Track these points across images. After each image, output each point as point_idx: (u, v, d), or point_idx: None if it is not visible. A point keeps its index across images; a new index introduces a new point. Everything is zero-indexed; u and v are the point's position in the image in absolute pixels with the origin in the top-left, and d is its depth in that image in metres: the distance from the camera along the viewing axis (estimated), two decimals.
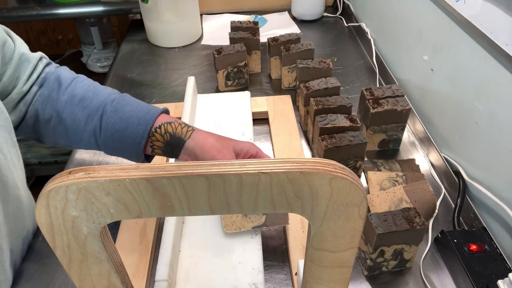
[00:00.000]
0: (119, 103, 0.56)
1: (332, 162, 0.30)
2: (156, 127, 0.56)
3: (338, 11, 1.29)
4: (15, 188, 0.55)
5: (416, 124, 0.83)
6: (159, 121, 0.56)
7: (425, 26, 0.81)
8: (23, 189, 0.58)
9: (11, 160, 0.54)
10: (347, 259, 0.36)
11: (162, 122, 0.56)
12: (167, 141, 0.56)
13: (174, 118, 0.58)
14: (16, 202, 0.56)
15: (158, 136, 0.56)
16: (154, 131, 0.55)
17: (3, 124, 0.52)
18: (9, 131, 0.53)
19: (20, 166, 0.57)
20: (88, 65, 1.64)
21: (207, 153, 0.54)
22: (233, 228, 0.59)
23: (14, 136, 0.55)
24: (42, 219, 0.31)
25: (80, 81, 0.60)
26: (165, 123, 0.56)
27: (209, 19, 1.28)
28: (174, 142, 0.56)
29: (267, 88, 0.98)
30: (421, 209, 0.62)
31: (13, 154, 0.54)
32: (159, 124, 0.56)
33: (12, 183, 0.54)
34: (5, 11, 1.25)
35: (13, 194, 0.54)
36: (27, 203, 0.60)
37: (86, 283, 0.37)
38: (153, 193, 0.30)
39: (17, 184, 0.56)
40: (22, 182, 0.58)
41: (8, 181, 0.53)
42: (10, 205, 0.54)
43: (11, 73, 0.56)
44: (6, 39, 0.56)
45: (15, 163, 0.55)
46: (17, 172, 0.56)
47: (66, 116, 0.57)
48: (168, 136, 0.56)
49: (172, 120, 0.56)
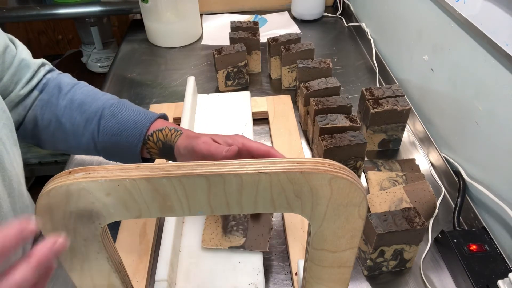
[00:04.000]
0: (117, 108, 0.57)
1: (332, 162, 0.30)
2: (149, 135, 0.56)
3: (338, 11, 1.29)
4: (19, 184, 0.55)
5: (416, 124, 0.83)
6: (153, 127, 0.56)
7: (425, 26, 0.81)
8: (25, 187, 0.59)
9: (14, 157, 0.55)
10: (347, 259, 0.36)
11: (154, 130, 0.56)
12: (161, 148, 0.57)
13: (170, 123, 0.58)
14: (22, 199, 0.56)
15: (152, 143, 0.57)
16: (147, 139, 0.56)
17: (5, 123, 0.53)
18: (11, 130, 0.54)
19: (21, 164, 0.58)
20: (88, 65, 1.64)
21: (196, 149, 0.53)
22: (209, 244, 0.58)
23: (15, 134, 0.56)
24: (42, 219, 0.31)
25: (80, 87, 0.61)
26: (157, 131, 0.56)
27: (209, 19, 1.28)
28: (166, 149, 0.56)
29: (267, 88, 0.98)
30: (421, 209, 0.62)
31: (15, 152, 0.55)
32: (151, 132, 0.56)
33: (16, 179, 0.55)
34: (5, 11, 1.25)
35: (18, 190, 0.55)
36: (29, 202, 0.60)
37: (86, 283, 0.37)
38: (153, 193, 0.30)
39: (20, 181, 0.56)
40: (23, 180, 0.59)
41: (12, 176, 0.53)
42: (16, 201, 0.55)
43: (10, 77, 0.57)
44: (8, 45, 0.57)
45: (18, 160, 0.56)
46: (19, 169, 0.56)
47: (65, 120, 0.58)
48: (161, 144, 0.56)
49: (164, 127, 0.57)
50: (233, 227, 0.60)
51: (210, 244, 0.58)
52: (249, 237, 0.59)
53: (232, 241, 0.59)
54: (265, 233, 0.59)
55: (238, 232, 0.59)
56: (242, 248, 0.58)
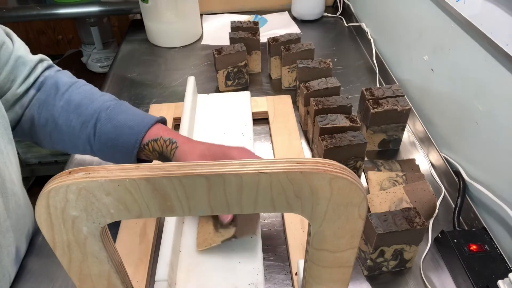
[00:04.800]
0: (114, 111, 0.57)
1: (332, 162, 0.30)
2: (144, 144, 0.56)
3: (338, 11, 1.29)
4: (11, 183, 0.55)
5: (416, 124, 0.83)
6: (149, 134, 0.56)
7: (425, 26, 0.81)
8: (19, 186, 0.59)
9: (7, 156, 0.54)
10: (347, 259, 0.36)
11: (149, 139, 0.56)
12: (158, 157, 0.57)
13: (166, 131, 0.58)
14: (14, 198, 0.56)
15: (148, 152, 0.57)
16: (143, 148, 0.56)
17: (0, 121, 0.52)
18: (6, 128, 0.54)
19: (16, 163, 0.58)
20: (88, 65, 1.64)
21: None
22: (204, 245, 0.58)
23: (10, 133, 0.55)
24: (42, 219, 0.31)
25: (78, 87, 0.60)
26: (152, 141, 0.56)
27: (209, 19, 1.28)
28: (164, 158, 0.57)
29: (267, 88, 0.98)
30: (421, 209, 0.62)
31: (9, 150, 0.55)
32: (146, 142, 0.56)
33: (9, 178, 0.54)
34: (5, 11, 1.25)
35: (11, 189, 0.55)
36: (24, 201, 0.60)
37: (86, 283, 0.37)
38: (153, 193, 0.30)
39: (13, 180, 0.56)
40: (18, 179, 0.58)
41: (5, 176, 0.53)
42: (10, 200, 0.54)
43: (6, 75, 0.56)
44: (4, 41, 0.56)
45: (11, 159, 0.56)
46: (13, 168, 0.56)
47: (62, 122, 0.58)
48: (157, 154, 0.57)
49: (158, 137, 0.56)
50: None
51: (205, 245, 0.58)
52: (239, 226, 0.58)
53: (224, 234, 0.58)
54: (254, 217, 0.59)
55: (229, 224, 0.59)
56: (234, 238, 0.57)
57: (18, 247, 0.58)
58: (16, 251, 0.57)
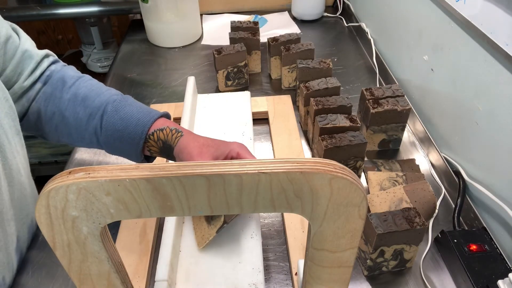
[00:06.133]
0: (120, 104, 0.57)
1: (332, 162, 0.30)
2: (150, 134, 0.56)
3: (338, 11, 1.29)
4: (18, 173, 0.56)
5: (416, 124, 0.83)
6: (155, 126, 0.57)
7: (425, 26, 0.81)
8: (26, 176, 0.59)
9: (15, 146, 0.55)
10: (347, 259, 0.36)
11: (155, 129, 0.56)
12: (161, 147, 0.57)
13: (171, 123, 0.58)
14: (20, 188, 0.57)
15: (152, 142, 0.57)
16: (148, 138, 0.56)
17: (8, 112, 0.53)
18: (13, 119, 0.55)
19: (23, 153, 0.59)
20: (88, 65, 1.64)
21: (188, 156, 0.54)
22: (203, 242, 0.58)
23: (18, 124, 0.56)
24: (42, 219, 0.31)
25: (84, 81, 0.61)
26: (158, 130, 0.56)
27: (209, 19, 1.28)
28: (166, 149, 0.57)
29: (267, 88, 0.98)
30: (421, 209, 0.62)
31: (16, 141, 0.56)
32: (152, 131, 0.56)
33: (16, 168, 0.55)
34: (5, 11, 1.25)
35: (17, 179, 0.56)
36: (30, 191, 0.61)
37: (86, 283, 0.37)
38: (153, 193, 0.30)
39: (20, 170, 0.57)
40: (25, 169, 0.59)
41: (12, 166, 0.54)
42: (15, 190, 0.55)
43: (13, 68, 0.56)
44: (11, 35, 0.57)
45: (19, 150, 0.56)
46: (20, 158, 0.57)
47: (69, 114, 0.58)
48: (161, 143, 0.57)
49: (165, 127, 0.57)
50: None
51: (204, 242, 0.58)
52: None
53: (216, 224, 0.58)
54: None
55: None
56: (226, 224, 0.57)
57: (19, 236, 0.59)
58: (17, 240, 0.58)
